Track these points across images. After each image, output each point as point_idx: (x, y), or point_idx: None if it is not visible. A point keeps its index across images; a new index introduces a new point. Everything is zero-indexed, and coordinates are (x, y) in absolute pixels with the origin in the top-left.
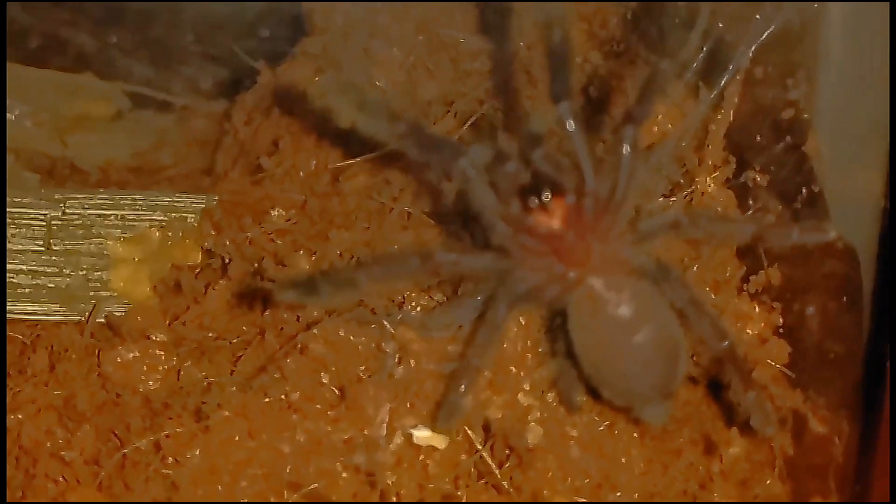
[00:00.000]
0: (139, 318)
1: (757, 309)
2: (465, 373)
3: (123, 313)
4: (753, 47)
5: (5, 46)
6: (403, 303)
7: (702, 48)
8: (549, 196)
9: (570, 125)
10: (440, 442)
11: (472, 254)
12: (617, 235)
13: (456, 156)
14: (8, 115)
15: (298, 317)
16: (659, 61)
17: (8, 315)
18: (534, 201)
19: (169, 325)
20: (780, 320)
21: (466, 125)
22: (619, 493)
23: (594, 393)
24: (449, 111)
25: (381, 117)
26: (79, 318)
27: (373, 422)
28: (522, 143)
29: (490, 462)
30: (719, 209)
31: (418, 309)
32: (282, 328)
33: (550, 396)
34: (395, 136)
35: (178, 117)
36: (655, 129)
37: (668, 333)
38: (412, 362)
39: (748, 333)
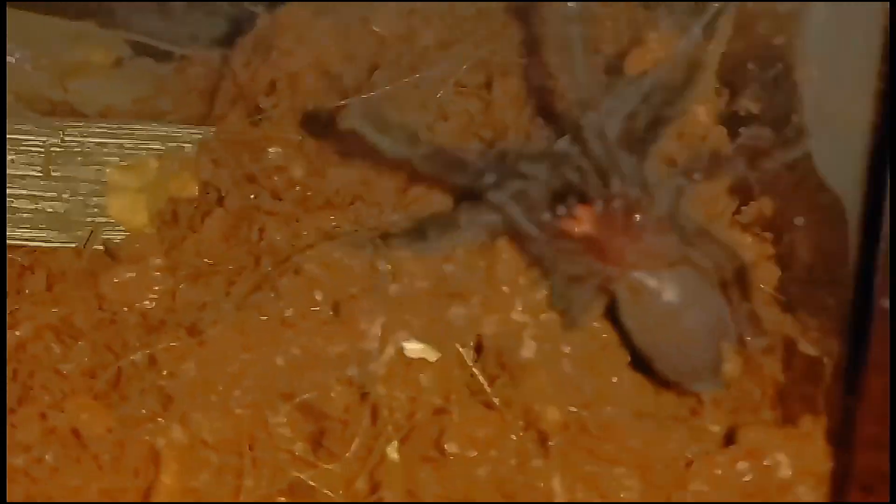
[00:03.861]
0: (136, 245)
1: (749, 239)
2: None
3: (121, 240)
4: None
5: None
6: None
7: None
8: (576, 204)
9: (596, 134)
10: (431, 355)
11: None
12: (651, 232)
13: (478, 177)
14: (9, 58)
15: (293, 245)
16: None
17: (8, 241)
18: (562, 210)
19: (166, 252)
20: (771, 249)
21: (464, 67)
22: (609, 408)
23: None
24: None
25: (402, 141)
26: (76, 244)
27: (366, 336)
28: (550, 157)
29: (482, 380)
30: (709, 139)
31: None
32: (277, 256)
33: (543, 316)
34: (417, 157)
35: (177, 66)
36: (648, 56)
37: (715, 314)
38: (406, 280)
39: None
